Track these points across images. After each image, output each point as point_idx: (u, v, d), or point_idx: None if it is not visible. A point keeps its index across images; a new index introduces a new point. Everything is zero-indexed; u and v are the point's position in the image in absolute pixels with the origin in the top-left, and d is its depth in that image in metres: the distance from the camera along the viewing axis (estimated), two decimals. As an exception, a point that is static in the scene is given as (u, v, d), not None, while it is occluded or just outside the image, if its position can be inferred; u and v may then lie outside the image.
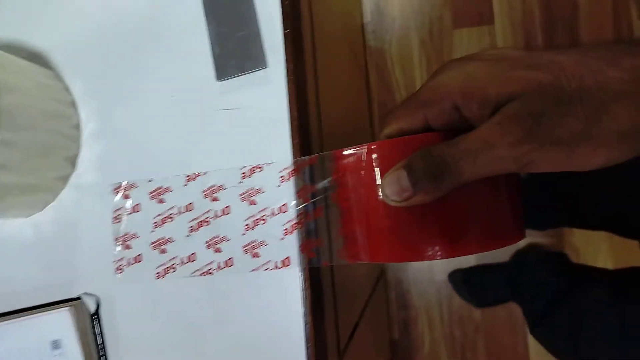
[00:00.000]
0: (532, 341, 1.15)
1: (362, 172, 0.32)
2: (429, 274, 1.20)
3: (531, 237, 1.13)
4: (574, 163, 0.25)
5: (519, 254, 1.13)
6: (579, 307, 0.73)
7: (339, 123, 0.66)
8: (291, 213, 0.37)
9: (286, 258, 0.37)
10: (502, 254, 1.14)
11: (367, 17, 1.27)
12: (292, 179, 0.37)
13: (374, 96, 1.25)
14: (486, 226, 0.29)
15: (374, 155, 0.31)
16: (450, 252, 0.29)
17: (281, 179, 0.37)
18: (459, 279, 1.17)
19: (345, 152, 0.33)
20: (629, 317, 0.62)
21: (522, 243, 1.14)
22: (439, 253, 0.29)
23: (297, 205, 0.37)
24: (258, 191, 0.38)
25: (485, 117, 0.27)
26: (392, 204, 0.29)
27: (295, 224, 0.37)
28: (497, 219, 0.30)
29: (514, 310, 1.15)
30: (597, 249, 1.12)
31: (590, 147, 0.25)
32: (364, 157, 0.31)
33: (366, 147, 0.31)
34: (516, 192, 0.31)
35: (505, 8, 1.21)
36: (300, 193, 0.37)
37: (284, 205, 0.37)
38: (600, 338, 0.66)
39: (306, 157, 0.37)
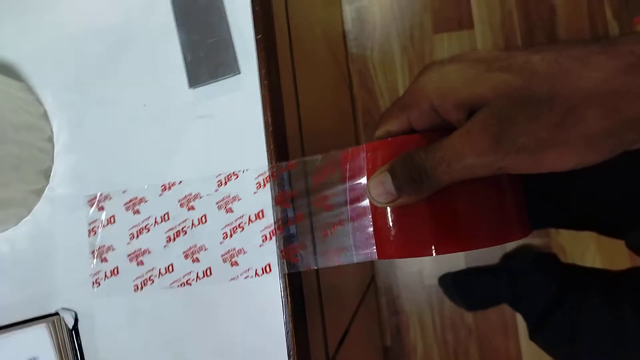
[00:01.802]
0: (524, 343, 1.14)
1: (359, 171, 0.33)
2: (420, 278, 1.19)
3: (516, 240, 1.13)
4: (543, 167, 0.25)
5: (508, 256, 1.13)
6: (573, 311, 0.73)
7: (322, 129, 0.66)
8: (269, 219, 0.36)
9: (267, 265, 0.36)
10: (491, 256, 1.14)
11: (348, 24, 1.28)
12: (269, 185, 0.37)
13: (358, 102, 1.26)
14: (488, 221, 0.30)
15: (366, 155, 0.33)
16: (453, 247, 0.30)
17: (257, 185, 0.37)
18: (449, 282, 1.16)
19: (350, 153, 0.34)
20: (623, 322, 0.62)
21: (510, 245, 1.14)
22: (440, 249, 0.30)
23: (276, 210, 0.36)
24: (234, 199, 0.37)
25: (460, 118, 0.27)
26: (378, 205, 0.30)
27: (274, 229, 0.36)
28: (499, 214, 0.30)
29: (505, 312, 1.15)
30: (585, 248, 1.13)
31: (557, 153, 0.25)
32: (362, 157, 0.33)
33: (361, 147, 0.33)
34: (519, 188, 0.31)
35: (485, 12, 1.23)
36: (278, 199, 0.36)
37: (261, 211, 0.37)
38: (596, 343, 0.65)
39: (284, 163, 0.37)
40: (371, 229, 0.33)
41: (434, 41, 1.24)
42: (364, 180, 0.33)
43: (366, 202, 0.33)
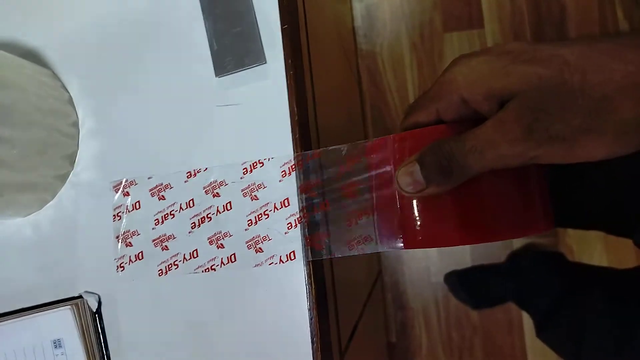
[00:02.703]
0: (530, 341, 1.15)
1: (385, 162, 0.34)
2: (426, 275, 1.20)
3: (525, 237, 1.13)
4: (575, 156, 0.26)
5: (514, 254, 1.13)
6: (579, 310, 0.74)
7: (333, 121, 0.66)
8: (294, 207, 0.37)
9: (291, 252, 0.36)
10: (497, 254, 1.14)
11: (358, 21, 1.28)
12: (294, 173, 0.37)
13: (366, 98, 1.26)
14: (515, 212, 0.30)
15: (394, 146, 0.33)
16: (479, 237, 0.30)
17: (282, 173, 0.37)
18: (455, 280, 1.17)
19: (376, 143, 0.34)
20: (629, 321, 0.62)
21: (517, 243, 1.14)
22: (467, 239, 0.30)
23: (301, 199, 0.37)
24: (260, 186, 0.38)
25: (491, 108, 0.28)
26: (406, 195, 0.31)
27: (299, 217, 0.37)
28: (526, 205, 0.31)
29: (511, 310, 1.15)
30: (592, 247, 1.13)
31: (591, 141, 0.25)
32: (388, 148, 0.34)
33: (391, 138, 0.33)
34: (545, 180, 0.32)
35: (495, 11, 1.23)
36: (303, 187, 0.37)
37: (286, 199, 0.37)
38: (602, 341, 0.66)
39: (309, 152, 0.37)
40: (396, 219, 0.34)
41: (443, 39, 1.24)
42: (389, 170, 0.34)
43: (392, 192, 0.34)
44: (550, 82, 0.25)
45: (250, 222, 0.37)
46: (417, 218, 0.32)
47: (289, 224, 0.37)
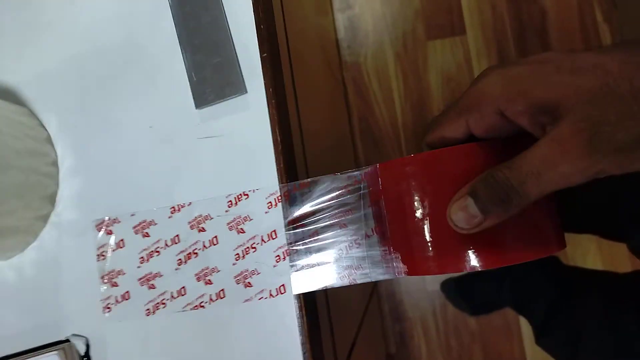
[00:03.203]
0: (529, 347, 1.15)
1: (407, 185, 0.31)
2: (422, 284, 1.19)
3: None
4: (638, 164, 0.25)
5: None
6: (575, 315, 0.73)
7: (321, 141, 0.65)
8: (282, 239, 0.36)
9: (281, 285, 0.36)
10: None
11: (341, 32, 1.28)
12: (280, 205, 0.36)
13: (353, 110, 1.26)
14: (538, 234, 0.30)
15: (418, 168, 0.31)
16: (499, 261, 0.29)
17: (269, 205, 0.37)
18: (451, 287, 1.16)
19: (391, 164, 0.33)
20: (626, 326, 0.62)
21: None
22: (483, 264, 0.29)
23: (288, 230, 0.36)
24: (246, 219, 0.37)
25: (532, 121, 0.27)
26: (461, 231, 0.29)
27: (287, 249, 0.36)
28: (546, 227, 0.30)
29: (509, 316, 1.15)
30: (585, 250, 1.13)
31: None
32: (407, 170, 0.31)
33: (402, 159, 0.32)
34: (556, 201, 0.32)
35: (476, 18, 1.23)
36: (290, 218, 0.36)
37: (273, 231, 0.36)
38: (599, 347, 0.65)
39: (296, 182, 0.36)
40: (384, 248, 0.33)
41: (427, 47, 1.24)
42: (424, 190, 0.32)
43: (384, 219, 0.33)
44: (601, 92, 0.25)
45: (237, 256, 0.37)
46: (427, 246, 0.31)
47: (277, 257, 0.36)
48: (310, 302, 0.36)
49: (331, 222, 0.35)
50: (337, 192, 0.35)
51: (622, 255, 1.10)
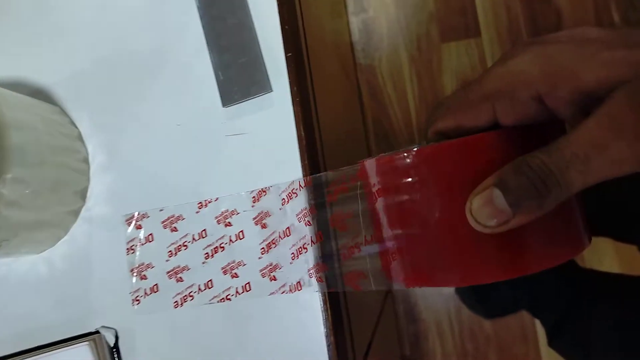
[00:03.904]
0: (544, 350, 1.14)
1: (420, 183, 0.26)
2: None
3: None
4: None
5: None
6: (588, 319, 0.73)
7: (337, 140, 0.66)
8: (296, 236, 0.37)
9: (297, 282, 0.36)
10: (507, 262, 1.14)
11: (355, 35, 1.29)
12: (292, 201, 0.37)
13: (367, 112, 1.27)
14: (566, 234, 0.26)
15: (422, 163, 0.26)
16: (524, 269, 0.25)
17: (282, 201, 0.37)
18: (466, 290, 1.16)
19: (390, 159, 0.28)
20: (637, 333, 0.61)
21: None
22: (505, 273, 0.25)
23: (299, 228, 0.37)
24: (267, 214, 0.38)
25: (575, 110, 0.24)
26: (485, 230, 0.23)
27: (300, 247, 0.37)
28: (577, 224, 0.27)
29: (524, 319, 1.14)
30: (603, 253, 1.12)
31: None
32: (415, 163, 0.26)
33: (410, 152, 0.26)
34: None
35: (491, 20, 1.24)
36: (300, 216, 0.37)
37: (288, 228, 0.37)
38: (610, 350, 0.65)
39: (301, 179, 0.37)
40: (384, 256, 0.30)
41: (441, 50, 1.25)
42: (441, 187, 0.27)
43: (383, 224, 0.29)
44: None
45: (262, 250, 0.38)
46: (442, 254, 0.26)
47: (292, 254, 0.37)
48: (334, 296, 0.37)
49: (334, 223, 0.35)
50: (338, 191, 0.34)
51: (639, 259, 1.09)
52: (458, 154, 0.25)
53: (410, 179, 0.27)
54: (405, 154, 0.27)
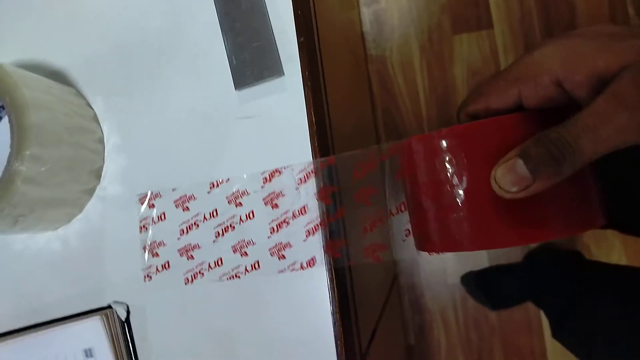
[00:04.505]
0: (549, 341, 1.14)
1: (454, 157, 0.30)
2: (443, 277, 1.20)
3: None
4: None
5: (531, 254, 1.13)
6: (591, 310, 0.73)
7: (346, 127, 0.67)
8: (311, 214, 0.38)
9: (311, 259, 0.37)
10: (514, 255, 1.14)
11: (367, 26, 1.29)
12: (310, 181, 0.38)
13: (377, 102, 1.27)
14: (580, 206, 0.29)
15: (460, 140, 0.29)
16: (542, 235, 0.28)
17: (299, 181, 0.38)
18: (472, 281, 1.17)
19: (427, 137, 0.31)
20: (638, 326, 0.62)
21: (533, 244, 1.14)
22: (525, 238, 0.29)
23: (318, 206, 0.38)
24: (279, 195, 0.39)
25: (590, 94, 0.26)
26: (507, 196, 0.27)
27: (316, 225, 0.38)
28: (590, 198, 0.29)
29: (529, 310, 1.15)
30: (610, 246, 1.12)
31: None
32: (446, 143, 0.30)
33: (444, 130, 0.30)
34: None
35: (503, 12, 1.23)
36: (319, 194, 0.38)
37: (303, 207, 0.38)
38: (613, 341, 0.65)
39: (323, 159, 0.38)
40: (409, 225, 0.34)
41: (453, 41, 1.25)
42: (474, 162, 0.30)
43: (413, 195, 0.33)
44: None
45: (272, 229, 0.38)
46: (461, 220, 0.29)
47: (307, 232, 0.38)
48: (341, 276, 0.38)
49: (358, 199, 0.36)
50: (363, 170, 0.36)
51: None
52: (487, 132, 0.29)
53: (444, 154, 0.30)
54: (440, 132, 0.30)
